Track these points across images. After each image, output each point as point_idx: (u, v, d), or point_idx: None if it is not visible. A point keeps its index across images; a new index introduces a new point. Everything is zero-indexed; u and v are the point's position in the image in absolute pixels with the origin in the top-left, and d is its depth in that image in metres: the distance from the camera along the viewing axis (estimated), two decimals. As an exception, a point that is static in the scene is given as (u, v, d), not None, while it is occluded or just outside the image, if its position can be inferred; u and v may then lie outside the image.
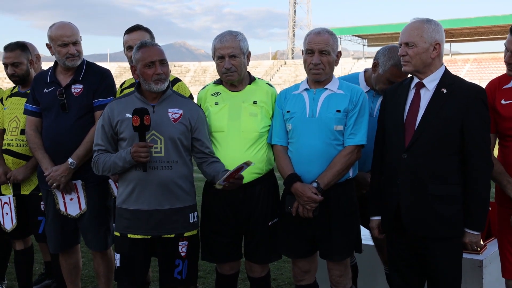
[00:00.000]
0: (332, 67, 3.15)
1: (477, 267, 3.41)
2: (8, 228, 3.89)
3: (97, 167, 3.11)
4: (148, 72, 2.99)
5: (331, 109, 3.08)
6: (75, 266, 3.82)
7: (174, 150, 3.01)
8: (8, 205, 3.86)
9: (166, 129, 3.00)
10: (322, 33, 3.11)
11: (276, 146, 3.22)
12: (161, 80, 3.01)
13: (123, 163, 2.98)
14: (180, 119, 3.04)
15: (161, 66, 3.01)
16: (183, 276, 3.07)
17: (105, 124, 3.09)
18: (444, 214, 2.76)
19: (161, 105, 3.06)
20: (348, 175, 3.13)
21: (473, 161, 2.74)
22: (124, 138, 3.04)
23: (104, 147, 3.10)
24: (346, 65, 53.05)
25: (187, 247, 3.06)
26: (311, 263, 3.27)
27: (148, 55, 3.00)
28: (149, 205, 2.99)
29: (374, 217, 3.05)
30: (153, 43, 3.12)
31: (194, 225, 3.13)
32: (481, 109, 2.76)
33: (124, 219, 3.06)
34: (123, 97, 3.16)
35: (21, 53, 3.95)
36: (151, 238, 3.04)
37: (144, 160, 2.93)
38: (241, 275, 3.82)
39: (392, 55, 3.28)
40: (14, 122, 3.90)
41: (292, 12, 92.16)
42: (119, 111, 3.06)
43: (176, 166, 3.01)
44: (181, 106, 3.08)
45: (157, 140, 3.00)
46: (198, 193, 3.25)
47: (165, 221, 3.01)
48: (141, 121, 2.87)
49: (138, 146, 2.91)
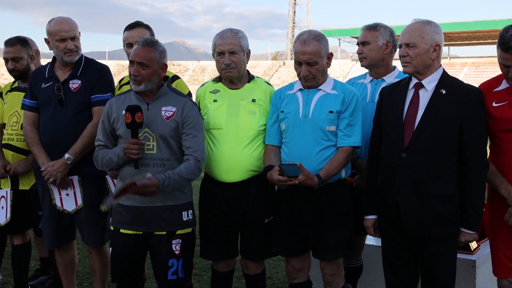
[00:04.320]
0: (324, 72, 3.14)
1: (470, 267, 3.44)
2: (1, 222, 3.87)
3: (96, 162, 3.14)
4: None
5: (324, 110, 3.09)
6: (71, 262, 3.82)
7: (167, 148, 3.01)
8: (5, 199, 3.86)
9: (158, 127, 3.00)
10: (308, 42, 3.05)
11: (267, 146, 3.24)
12: (137, 82, 2.97)
13: (117, 159, 3.00)
14: (173, 117, 3.02)
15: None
16: (178, 275, 3.06)
17: (105, 120, 3.11)
18: (443, 214, 2.79)
19: (155, 102, 3.05)
20: (340, 175, 3.14)
21: (471, 161, 2.78)
22: (120, 135, 3.05)
23: (104, 142, 3.12)
24: (345, 67, 53.11)
25: (181, 245, 3.06)
26: (304, 262, 3.28)
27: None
28: (141, 202, 2.99)
29: (369, 216, 3.07)
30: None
31: (188, 223, 3.11)
32: (479, 110, 2.81)
33: (118, 214, 3.08)
34: (122, 94, 3.17)
35: (22, 48, 3.96)
36: (144, 235, 3.04)
37: (135, 157, 2.93)
38: (237, 273, 3.84)
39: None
40: (14, 116, 3.90)
41: (291, 13, 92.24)
42: (117, 107, 3.07)
43: (169, 164, 3.00)
44: (175, 104, 3.06)
45: (149, 138, 3.00)
46: (195, 191, 3.26)
47: (157, 218, 3.01)
48: (133, 118, 2.89)
49: (129, 143, 2.92)
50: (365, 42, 3.47)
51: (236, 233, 3.38)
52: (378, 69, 3.50)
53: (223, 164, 3.20)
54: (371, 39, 3.45)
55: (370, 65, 3.51)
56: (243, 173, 3.20)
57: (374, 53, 3.45)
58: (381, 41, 3.43)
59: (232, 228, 3.32)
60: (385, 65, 3.49)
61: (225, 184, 3.23)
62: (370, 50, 3.45)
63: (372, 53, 3.45)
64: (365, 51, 3.47)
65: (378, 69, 3.50)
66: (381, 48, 3.44)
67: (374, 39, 3.44)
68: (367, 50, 3.46)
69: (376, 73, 3.52)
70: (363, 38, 3.49)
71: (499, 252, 3.00)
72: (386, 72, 3.50)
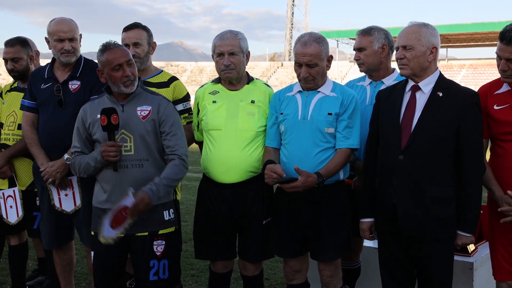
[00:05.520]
0: (324, 74, 3.15)
1: (468, 269, 3.44)
2: (13, 221, 3.88)
3: (74, 169, 3.13)
4: (116, 75, 2.96)
5: (322, 112, 3.10)
6: (69, 263, 3.82)
7: (144, 148, 3.00)
8: (13, 198, 3.86)
9: (135, 127, 2.99)
10: (309, 44, 3.06)
11: (266, 147, 3.26)
12: (131, 82, 2.99)
13: (95, 163, 2.99)
14: (149, 116, 3.02)
15: (128, 67, 2.98)
16: (160, 275, 3.03)
17: (79, 126, 3.10)
18: (440, 216, 2.80)
19: (130, 103, 3.05)
20: (338, 176, 3.15)
21: (467, 163, 2.79)
22: (97, 139, 3.04)
23: (80, 149, 3.11)
24: (343, 68, 53.16)
25: (164, 246, 3.04)
26: (302, 263, 3.29)
27: (114, 58, 2.96)
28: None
29: (365, 219, 3.08)
30: (117, 44, 3.05)
31: (170, 223, 3.09)
32: (475, 112, 2.82)
33: (98, 218, 3.02)
34: (96, 98, 3.17)
35: (21, 49, 3.96)
36: (126, 237, 3.00)
37: (113, 159, 2.93)
38: (234, 274, 3.84)
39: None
40: (11, 117, 3.91)
41: (290, 14, 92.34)
42: (91, 112, 3.06)
43: (147, 164, 3.00)
44: (150, 103, 3.06)
45: (126, 139, 3.00)
46: (193, 192, 3.26)
47: (137, 219, 2.94)
48: (109, 120, 2.88)
49: (107, 145, 2.92)
50: (361, 48, 3.47)
51: (234, 234, 3.38)
52: (377, 73, 3.51)
53: (221, 165, 3.21)
54: (366, 44, 3.44)
55: (368, 70, 3.51)
56: (241, 174, 3.20)
57: (371, 58, 3.44)
58: (377, 45, 3.42)
59: (230, 229, 3.32)
60: (384, 68, 3.50)
61: (223, 185, 3.24)
62: (367, 56, 3.45)
63: (369, 58, 3.45)
64: (361, 57, 3.47)
65: (377, 73, 3.51)
66: (377, 52, 3.44)
67: (369, 44, 3.43)
68: (363, 56, 3.46)
69: (375, 76, 3.52)
70: (358, 44, 3.48)
71: (498, 256, 3.01)
72: (386, 74, 3.51)
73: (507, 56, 2.82)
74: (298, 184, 2.94)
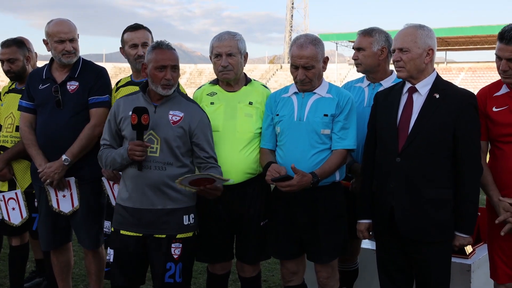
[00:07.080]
0: (320, 76, 3.16)
1: (465, 271, 3.44)
2: (16, 223, 3.88)
3: (101, 161, 3.15)
4: (158, 75, 2.97)
5: (318, 113, 3.10)
6: (67, 264, 3.81)
7: (169, 152, 3.00)
8: (15, 200, 3.85)
9: (164, 131, 3.00)
10: (305, 46, 3.06)
11: (262, 149, 3.26)
12: (169, 86, 3.00)
13: (121, 160, 3.00)
14: (180, 122, 3.02)
15: (172, 71, 2.99)
16: (176, 279, 3.03)
17: (111, 119, 3.12)
18: (437, 218, 2.80)
19: (163, 106, 3.05)
20: (334, 178, 3.15)
21: (464, 165, 2.79)
22: (125, 136, 3.06)
23: (109, 142, 3.13)
24: (342, 71, 53.20)
25: (181, 249, 3.04)
26: (299, 265, 3.29)
27: (161, 58, 2.97)
28: (141, 204, 3.00)
29: (362, 220, 3.07)
30: (170, 46, 3.04)
31: (189, 228, 3.08)
32: (472, 114, 2.82)
33: (119, 215, 3.08)
34: (131, 95, 3.18)
35: (17, 50, 3.96)
36: (144, 237, 3.04)
37: (139, 158, 2.93)
38: (232, 276, 3.84)
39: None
40: (9, 118, 3.90)
41: (289, 16, 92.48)
42: (124, 108, 3.07)
43: (170, 168, 3.00)
44: (183, 109, 3.06)
45: (154, 140, 3.00)
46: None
47: (156, 221, 3.00)
48: (139, 120, 2.89)
49: (134, 144, 2.92)
50: (360, 48, 3.45)
51: (232, 236, 3.38)
52: (374, 75, 3.50)
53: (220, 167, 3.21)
54: (366, 45, 3.42)
55: (365, 71, 3.50)
56: (239, 176, 3.20)
57: (369, 59, 3.43)
58: (376, 47, 3.41)
59: (228, 231, 3.32)
60: (382, 70, 3.49)
61: (221, 187, 3.24)
62: (365, 57, 3.43)
63: (367, 59, 3.43)
64: (360, 57, 3.46)
65: (375, 75, 3.50)
66: (376, 54, 3.42)
67: (369, 45, 3.42)
68: (362, 56, 3.45)
69: (373, 78, 3.52)
70: (358, 44, 3.47)
71: (496, 258, 3.01)
72: (384, 76, 3.50)
73: (507, 56, 2.82)
74: (294, 183, 2.94)
